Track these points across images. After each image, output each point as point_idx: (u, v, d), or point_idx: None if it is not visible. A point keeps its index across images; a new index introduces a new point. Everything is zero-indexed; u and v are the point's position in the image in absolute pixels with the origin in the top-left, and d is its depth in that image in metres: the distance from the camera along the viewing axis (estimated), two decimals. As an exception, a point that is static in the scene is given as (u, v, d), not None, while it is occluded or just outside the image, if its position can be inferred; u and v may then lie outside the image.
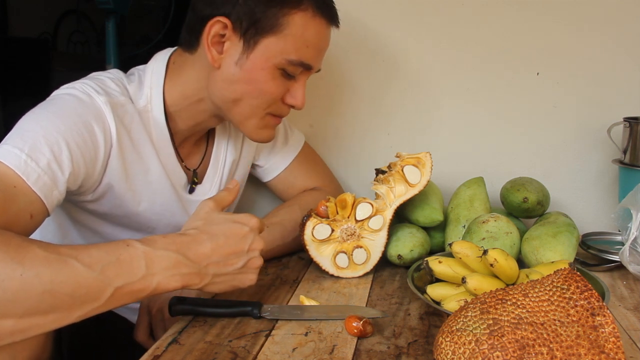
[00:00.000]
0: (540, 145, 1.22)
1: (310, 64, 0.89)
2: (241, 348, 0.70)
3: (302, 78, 0.91)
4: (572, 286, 0.59)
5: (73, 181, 0.79)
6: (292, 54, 0.86)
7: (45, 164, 0.73)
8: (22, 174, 0.71)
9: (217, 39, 0.86)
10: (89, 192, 0.87)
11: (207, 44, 0.85)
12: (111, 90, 0.86)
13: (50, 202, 0.74)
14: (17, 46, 3.17)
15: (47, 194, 0.73)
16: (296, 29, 0.85)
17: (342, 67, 1.25)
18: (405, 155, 0.98)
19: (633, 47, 1.16)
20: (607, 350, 0.55)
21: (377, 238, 0.95)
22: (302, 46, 0.86)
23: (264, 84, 0.87)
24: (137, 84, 0.91)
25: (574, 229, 0.96)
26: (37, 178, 0.72)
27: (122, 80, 0.90)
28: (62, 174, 0.75)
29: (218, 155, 1.03)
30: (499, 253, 0.78)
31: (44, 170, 0.73)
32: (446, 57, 1.22)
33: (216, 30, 0.85)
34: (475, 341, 0.57)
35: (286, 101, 0.91)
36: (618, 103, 1.17)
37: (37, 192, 0.72)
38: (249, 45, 0.85)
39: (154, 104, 0.90)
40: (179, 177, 0.97)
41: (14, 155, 0.71)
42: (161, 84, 0.91)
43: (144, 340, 0.91)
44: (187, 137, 0.98)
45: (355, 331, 0.72)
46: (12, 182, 0.70)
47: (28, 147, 0.73)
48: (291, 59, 0.86)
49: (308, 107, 1.27)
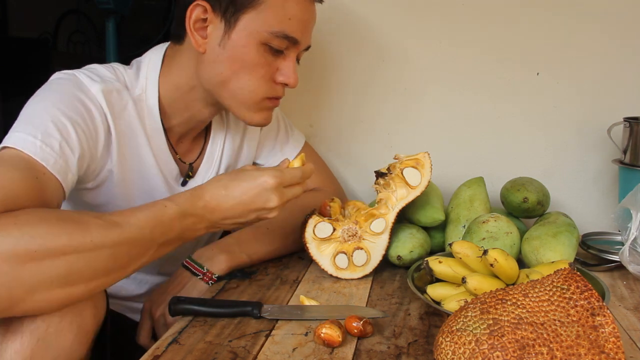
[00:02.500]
0: (540, 145, 1.22)
1: (295, 37, 0.87)
2: (241, 348, 0.70)
3: (291, 54, 0.90)
4: (572, 286, 0.59)
5: (81, 163, 0.80)
6: (274, 26, 0.85)
7: (58, 147, 0.75)
8: (42, 160, 0.72)
9: (199, 24, 0.86)
10: (90, 179, 0.88)
11: (190, 29, 0.86)
12: (105, 77, 0.87)
13: (67, 185, 0.76)
14: (17, 46, 3.17)
15: (64, 178, 0.75)
16: (274, 1, 0.84)
17: (342, 67, 1.25)
18: (403, 157, 0.98)
19: (633, 47, 1.16)
20: (607, 350, 0.55)
21: (378, 241, 0.95)
22: (284, 18, 0.85)
23: (249, 61, 0.86)
24: (134, 72, 0.92)
25: (574, 229, 0.96)
26: (55, 162, 0.74)
27: (118, 69, 0.91)
28: (74, 155, 0.78)
29: (213, 150, 1.04)
30: (499, 253, 0.78)
31: (58, 154, 0.75)
32: (447, 57, 1.22)
33: (197, 15, 0.86)
34: (475, 341, 0.57)
35: (277, 80, 0.90)
36: (618, 103, 1.17)
37: (57, 175, 0.74)
38: (230, 24, 0.85)
39: (149, 93, 0.91)
40: (171, 168, 0.97)
41: (30, 142, 0.73)
42: (156, 75, 0.92)
43: (146, 344, 0.91)
44: (185, 132, 0.98)
45: (355, 331, 0.72)
46: (40, 169, 0.72)
47: (40, 133, 0.74)
48: (273, 31, 0.85)
49: (308, 107, 1.28)
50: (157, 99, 0.92)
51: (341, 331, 0.70)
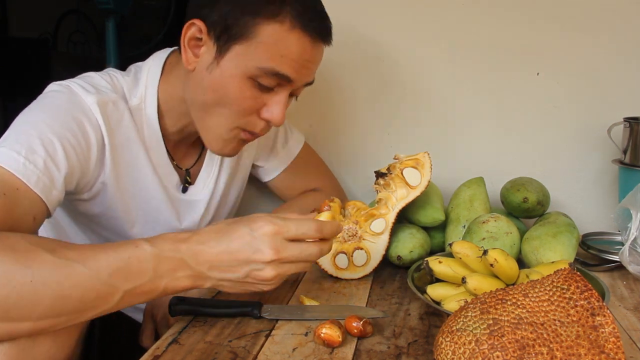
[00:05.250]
0: (540, 145, 1.22)
1: (286, 75, 0.82)
2: (241, 348, 0.70)
3: (282, 92, 0.84)
4: (572, 286, 0.59)
5: (69, 180, 0.79)
6: (264, 62, 0.81)
7: (42, 164, 0.73)
8: (22, 176, 0.71)
9: (194, 42, 0.84)
10: (85, 191, 0.87)
11: (184, 45, 0.84)
12: (101, 88, 0.86)
13: (50, 202, 0.74)
14: (17, 46, 3.17)
15: (47, 195, 0.73)
16: (268, 38, 0.80)
17: (342, 67, 1.25)
18: (403, 157, 0.98)
19: (633, 47, 1.16)
20: (607, 350, 0.55)
21: (378, 241, 0.95)
22: (276, 55, 0.80)
23: (232, 93, 0.82)
24: (132, 80, 0.91)
25: (574, 229, 0.96)
26: (37, 180, 0.72)
27: (115, 77, 0.90)
28: (59, 173, 0.76)
29: (212, 156, 1.02)
30: (499, 253, 0.78)
31: (42, 171, 0.73)
32: (446, 57, 1.22)
33: (192, 33, 0.83)
34: (475, 341, 0.57)
35: (262, 115, 0.86)
36: (618, 103, 1.17)
37: (39, 193, 0.72)
38: (221, 51, 0.82)
39: (148, 102, 0.90)
40: (170, 177, 0.97)
41: (12, 158, 0.71)
42: (156, 83, 0.91)
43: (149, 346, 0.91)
44: (182, 138, 0.97)
45: (355, 331, 0.72)
46: (15, 185, 0.70)
47: (25, 149, 0.73)
48: (262, 67, 0.81)
49: (308, 107, 1.28)
50: (157, 107, 0.91)
51: (341, 331, 0.70)
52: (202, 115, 0.87)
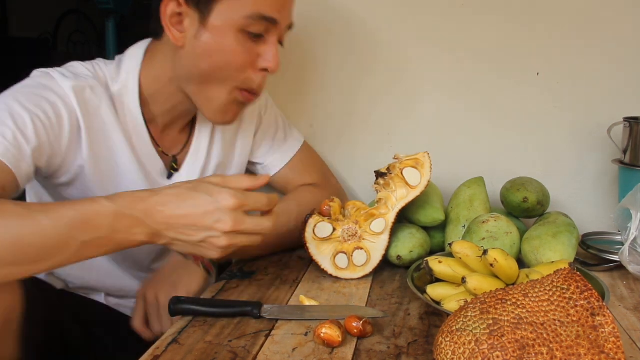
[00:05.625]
0: (540, 145, 1.22)
1: (272, 17, 0.84)
2: (241, 348, 0.70)
3: (272, 37, 0.87)
4: (572, 286, 0.59)
5: (38, 154, 0.80)
6: (249, 9, 0.83)
7: (11, 136, 0.76)
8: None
9: (175, 18, 0.86)
10: (62, 174, 0.89)
11: (167, 24, 0.86)
12: (80, 74, 0.88)
13: (20, 174, 0.76)
14: (17, 46, 3.17)
15: (16, 165, 0.76)
16: None
17: (342, 67, 1.25)
18: (403, 157, 0.98)
19: (633, 47, 1.16)
20: (607, 350, 0.55)
21: (378, 241, 0.95)
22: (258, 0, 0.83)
23: (229, 51, 0.84)
24: (115, 67, 0.93)
25: (574, 229, 0.96)
26: (5, 150, 0.75)
27: (97, 66, 0.92)
28: (28, 145, 0.78)
29: (199, 143, 1.02)
30: (499, 253, 0.78)
31: (10, 142, 0.76)
32: (446, 58, 1.22)
33: (172, 9, 0.85)
34: (475, 341, 0.57)
35: (259, 66, 0.88)
36: (618, 103, 1.17)
37: (7, 163, 0.74)
38: (204, 14, 0.84)
39: (130, 88, 0.91)
40: (154, 163, 0.97)
41: None
42: (137, 69, 0.92)
43: (140, 328, 0.91)
44: (169, 123, 0.98)
45: (355, 331, 0.72)
46: None
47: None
48: (249, 14, 0.83)
49: (308, 107, 1.28)
50: (138, 94, 0.92)
51: (341, 331, 0.70)
52: (200, 88, 0.89)
